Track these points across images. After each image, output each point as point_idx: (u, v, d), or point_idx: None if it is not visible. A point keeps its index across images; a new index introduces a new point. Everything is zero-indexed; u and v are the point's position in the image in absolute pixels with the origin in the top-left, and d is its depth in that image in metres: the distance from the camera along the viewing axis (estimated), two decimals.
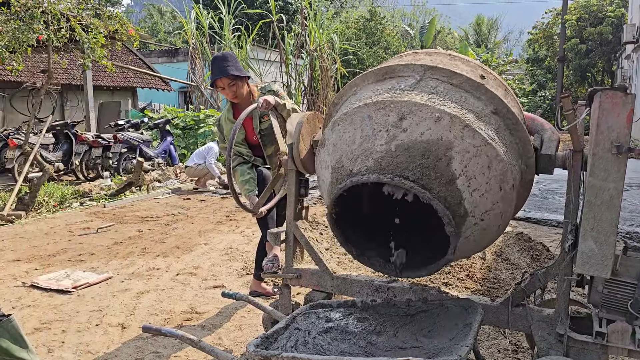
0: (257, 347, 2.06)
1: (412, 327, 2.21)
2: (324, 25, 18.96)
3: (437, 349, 1.98)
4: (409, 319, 2.28)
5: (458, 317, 2.19)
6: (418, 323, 2.24)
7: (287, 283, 2.99)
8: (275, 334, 2.19)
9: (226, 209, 7.93)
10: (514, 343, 3.30)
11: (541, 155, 2.33)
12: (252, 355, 2.00)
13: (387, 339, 2.13)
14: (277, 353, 1.96)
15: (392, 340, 2.11)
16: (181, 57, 22.44)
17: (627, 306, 2.20)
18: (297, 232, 2.91)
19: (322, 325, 2.24)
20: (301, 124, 2.76)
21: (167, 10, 41.88)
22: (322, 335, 2.15)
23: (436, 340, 2.06)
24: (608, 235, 2.06)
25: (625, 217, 6.69)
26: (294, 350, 2.06)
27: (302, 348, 2.08)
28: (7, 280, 4.62)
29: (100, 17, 9.09)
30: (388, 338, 2.14)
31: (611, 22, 26.14)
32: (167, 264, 5.10)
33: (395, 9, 44.89)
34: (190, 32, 17.74)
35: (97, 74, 15.47)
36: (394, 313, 2.34)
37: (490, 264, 4.40)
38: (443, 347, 1.98)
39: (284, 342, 2.13)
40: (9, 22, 7.94)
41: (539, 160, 2.33)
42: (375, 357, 1.98)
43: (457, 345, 1.94)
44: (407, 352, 2.01)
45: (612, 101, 1.98)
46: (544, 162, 2.32)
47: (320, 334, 2.17)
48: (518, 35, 54.35)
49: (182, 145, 13.46)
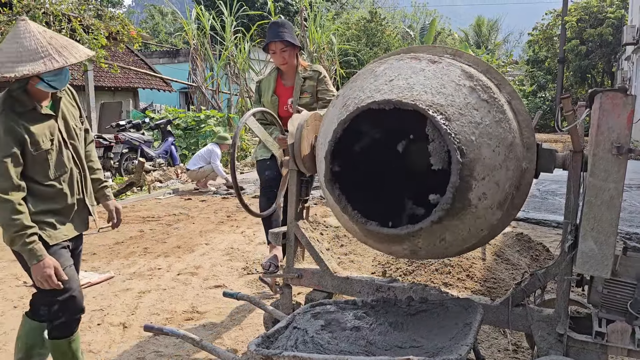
0: (259, 346, 2.07)
1: (412, 327, 2.22)
2: (324, 27, 18.97)
3: (437, 348, 1.98)
4: (409, 318, 2.29)
5: (458, 317, 2.19)
6: (418, 323, 2.25)
7: (288, 283, 3.00)
8: (276, 333, 2.20)
9: (227, 209, 7.94)
10: (514, 343, 3.31)
11: (542, 150, 2.34)
12: (253, 354, 2.01)
13: (387, 338, 2.14)
14: (279, 352, 1.97)
15: (391, 340, 2.12)
16: (182, 58, 22.45)
17: (626, 306, 2.21)
18: (298, 232, 2.92)
19: (322, 324, 2.25)
20: (302, 124, 2.77)
21: (168, 11, 41.91)
22: (321, 334, 2.16)
23: (436, 340, 2.06)
24: (608, 236, 2.07)
25: (625, 218, 6.70)
26: (294, 349, 2.07)
27: (302, 347, 2.09)
28: (9, 280, 4.63)
29: (102, 18, 9.12)
30: (388, 337, 2.15)
31: (611, 24, 26.16)
32: (168, 264, 5.11)
33: (395, 10, 44.86)
34: (191, 33, 17.76)
35: (98, 74, 15.49)
36: (394, 312, 2.35)
37: (491, 264, 4.41)
38: (443, 347, 1.98)
39: (284, 342, 2.13)
40: (11, 22, 7.97)
41: (540, 156, 2.33)
42: (375, 356, 1.99)
43: (457, 344, 1.95)
44: (406, 352, 2.01)
45: (612, 102, 2.00)
46: (545, 156, 2.33)
47: (319, 332, 2.17)
48: (518, 37, 54.36)
49: (183, 146, 13.46)
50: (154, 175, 10.66)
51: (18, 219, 2.35)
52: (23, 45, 2.35)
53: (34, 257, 2.38)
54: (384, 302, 2.42)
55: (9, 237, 2.38)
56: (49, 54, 2.36)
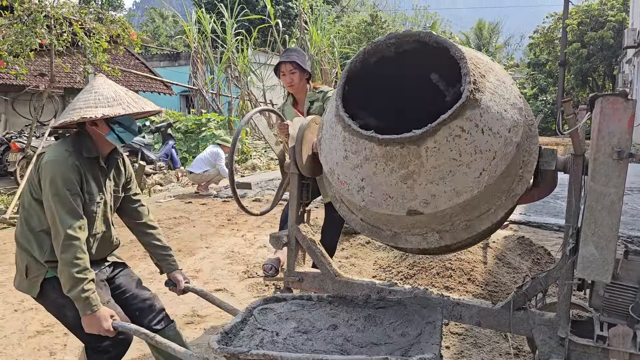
0: (219, 342, 2.00)
1: (380, 322, 2.20)
2: (325, 30, 19.02)
3: (409, 344, 1.99)
4: (374, 312, 2.27)
5: (419, 314, 2.20)
6: (384, 318, 2.22)
7: (289, 286, 3.00)
8: (233, 329, 2.13)
9: (228, 212, 7.94)
10: (516, 347, 3.30)
11: (544, 150, 2.33)
12: (217, 351, 1.93)
13: (358, 334, 2.11)
14: (246, 350, 1.91)
15: (364, 336, 2.09)
16: (183, 61, 22.51)
17: (628, 310, 2.21)
18: (299, 235, 2.92)
19: (286, 324, 2.19)
20: (304, 127, 2.77)
21: (168, 14, 42.03)
22: (295, 336, 2.10)
23: (405, 337, 2.06)
24: (609, 240, 2.06)
25: (627, 222, 6.69)
26: (259, 348, 2.00)
27: (270, 347, 2.03)
28: (10, 283, 4.63)
29: (103, 21, 9.14)
30: (359, 333, 2.12)
31: (612, 27, 26.20)
32: None
33: (396, 13, 44.99)
34: (192, 36, 17.80)
35: None
36: (354, 308, 2.32)
37: (492, 268, 4.40)
38: (413, 343, 1.99)
39: (246, 341, 2.07)
40: (12, 26, 7.99)
41: (541, 154, 2.32)
42: (350, 355, 1.96)
43: (427, 342, 1.96)
44: (381, 349, 2.00)
45: (613, 107, 1.99)
46: (547, 154, 2.32)
47: (292, 335, 2.12)
48: (519, 40, 54.36)
49: (184, 149, 13.48)
50: (155, 178, 10.68)
51: (82, 259, 2.28)
52: (102, 93, 2.44)
53: (88, 307, 2.27)
54: (339, 298, 2.39)
55: (68, 279, 2.25)
56: (126, 102, 2.43)
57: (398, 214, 2.17)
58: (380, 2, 46.30)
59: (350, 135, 2.14)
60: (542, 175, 2.34)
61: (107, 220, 2.60)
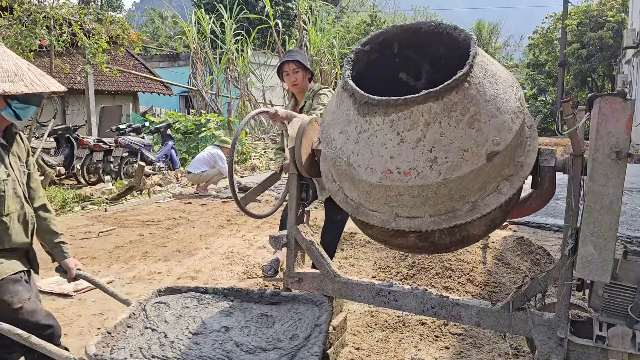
0: (98, 345, 1.93)
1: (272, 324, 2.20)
2: (325, 30, 19.02)
3: (296, 349, 2.06)
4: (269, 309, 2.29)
5: (310, 312, 2.25)
6: (277, 318, 2.22)
7: (288, 287, 2.99)
8: (118, 327, 2.07)
9: (227, 213, 7.94)
10: (515, 347, 3.30)
11: (544, 149, 2.33)
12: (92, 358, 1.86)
13: (249, 338, 2.11)
14: (122, 359, 1.85)
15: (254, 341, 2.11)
16: (182, 62, 22.50)
17: (627, 310, 2.21)
18: (299, 235, 2.92)
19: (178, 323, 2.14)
20: (303, 128, 2.77)
21: (168, 14, 42.04)
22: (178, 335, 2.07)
23: (294, 340, 2.11)
24: (608, 240, 2.06)
25: (626, 222, 6.70)
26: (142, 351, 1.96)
27: (158, 350, 1.98)
28: None
29: (102, 21, 9.14)
30: (249, 337, 2.11)
31: (611, 27, 26.22)
32: (168, 268, 5.11)
33: (396, 13, 45.02)
34: (192, 37, 17.81)
35: (98, 78, 15.52)
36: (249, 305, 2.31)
37: (491, 268, 4.40)
38: (300, 347, 2.06)
39: (134, 342, 2.01)
40: (11, 26, 7.99)
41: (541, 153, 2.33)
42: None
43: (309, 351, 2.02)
44: (269, 355, 2.02)
45: (611, 107, 2.00)
46: (546, 153, 2.32)
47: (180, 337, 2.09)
48: (518, 40, 54.43)
49: (183, 150, 13.48)
50: (154, 179, 10.67)
51: None
52: (1, 65, 2.21)
53: None
54: (235, 291, 2.37)
55: None
56: (29, 79, 2.24)
57: (479, 165, 2.00)
58: (380, 3, 46.35)
59: (398, 113, 1.97)
60: (540, 174, 2.34)
61: (19, 198, 2.41)
